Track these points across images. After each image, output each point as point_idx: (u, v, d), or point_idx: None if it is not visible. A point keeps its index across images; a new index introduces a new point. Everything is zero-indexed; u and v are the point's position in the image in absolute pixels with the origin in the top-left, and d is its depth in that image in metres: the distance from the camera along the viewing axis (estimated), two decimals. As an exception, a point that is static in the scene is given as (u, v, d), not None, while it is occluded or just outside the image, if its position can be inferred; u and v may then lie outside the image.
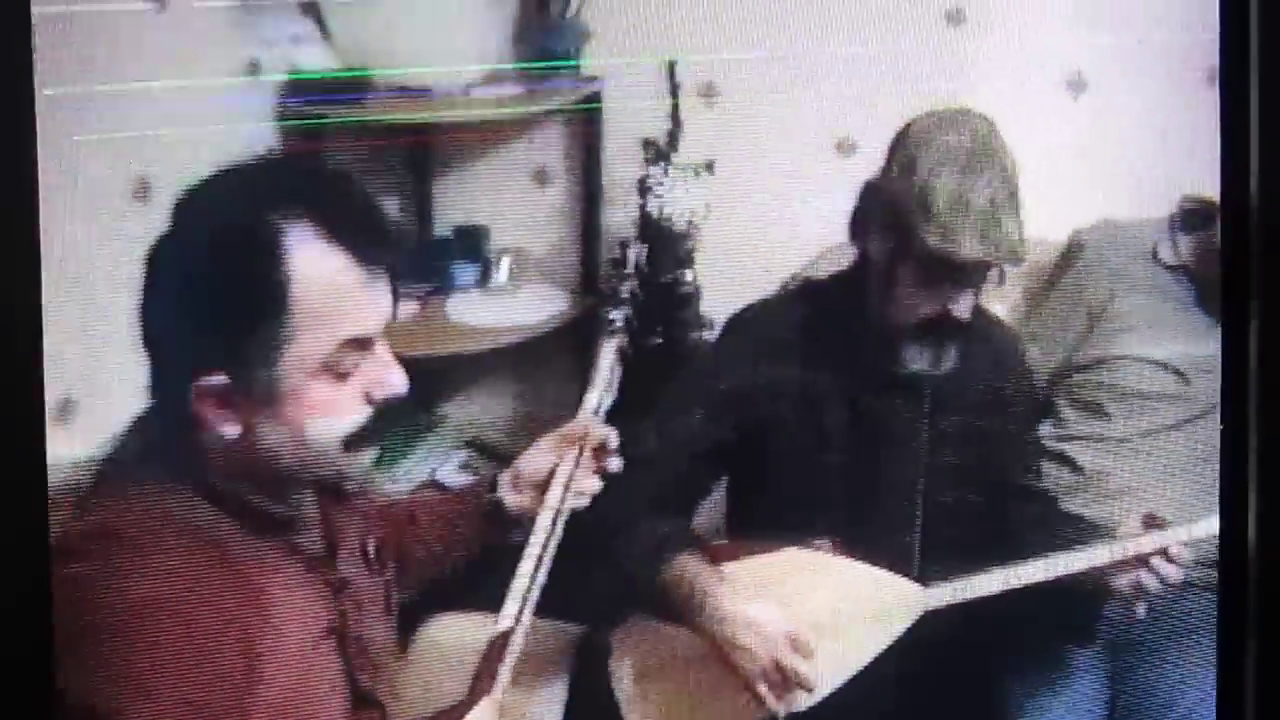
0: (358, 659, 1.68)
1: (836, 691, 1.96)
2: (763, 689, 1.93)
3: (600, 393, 2.05)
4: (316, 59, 2.96)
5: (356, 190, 1.63)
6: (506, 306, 2.99)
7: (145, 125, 2.29)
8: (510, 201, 3.10)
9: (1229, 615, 1.60)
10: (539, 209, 3.06)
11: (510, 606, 1.84)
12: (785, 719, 1.95)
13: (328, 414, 1.56)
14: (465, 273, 3.10)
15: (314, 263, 1.51)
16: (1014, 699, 2.16)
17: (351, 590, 1.69)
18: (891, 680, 2.02)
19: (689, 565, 1.98)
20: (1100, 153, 2.36)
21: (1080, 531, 2.06)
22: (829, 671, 1.96)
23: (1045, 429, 2.41)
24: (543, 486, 1.93)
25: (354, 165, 3.01)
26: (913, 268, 1.99)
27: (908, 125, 2.05)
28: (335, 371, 1.55)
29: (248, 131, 2.79)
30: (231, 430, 1.54)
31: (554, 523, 1.91)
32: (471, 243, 3.09)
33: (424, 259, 3.15)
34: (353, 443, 1.59)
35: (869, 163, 2.17)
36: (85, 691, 1.48)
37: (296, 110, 2.88)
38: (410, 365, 3.13)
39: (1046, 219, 2.49)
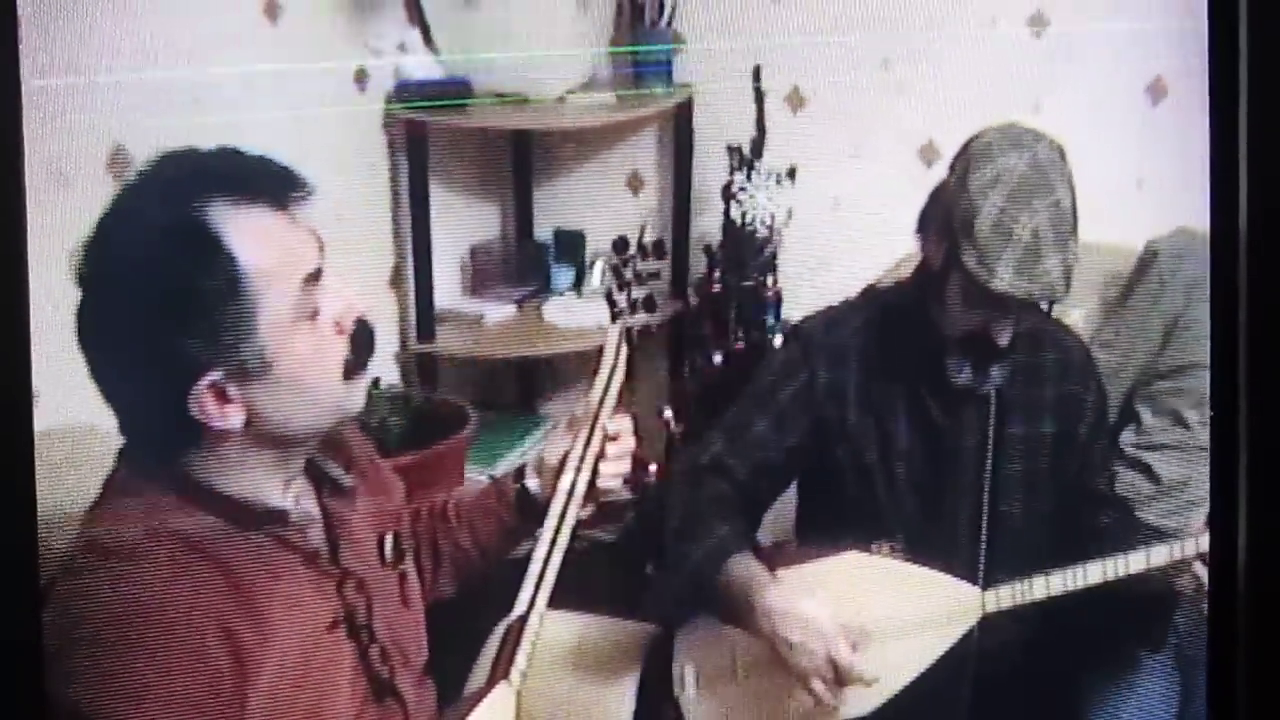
0: (372, 649, 1.70)
1: (899, 695, 1.96)
2: (818, 685, 1.93)
3: (608, 374, 2.03)
4: (422, 67, 3.05)
5: (238, 155, 1.62)
6: (598, 309, 3.03)
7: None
8: (605, 206, 3.17)
9: (1219, 621, 1.59)
10: (633, 213, 3.13)
11: (525, 592, 1.84)
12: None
13: (316, 359, 1.60)
14: (561, 276, 3.18)
15: (243, 228, 1.55)
16: (1083, 704, 2.15)
17: (357, 583, 1.70)
18: (958, 684, 2.03)
19: (744, 567, 1.98)
20: (1177, 159, 2.34)
21: (1152, 539, 2.04)
22: (887, 676, 1.96)
23: (1126, 436, 2.40)
24: (559, 471, 1.93)
25: (456, 170, 3.12)
26: (957, 280, 1.97)
27: (977, 134, 2.02)
28: (307, 315, 1.59)
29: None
30: (237, 420, 1.57)
31: (566, 507, 1.90)
32: (568, 247, 3.18)
33: (523, 262, 3.26)
34: (347, 373, 1.63)
35: (951, 172, 2.17)
36: (80, 701, 1.50)
37: (402, 116, 2.99)
38: (508, 365, 3.28)
39: (1123, 226, 2.49)
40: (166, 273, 1.53)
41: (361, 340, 1.64)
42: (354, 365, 1.63)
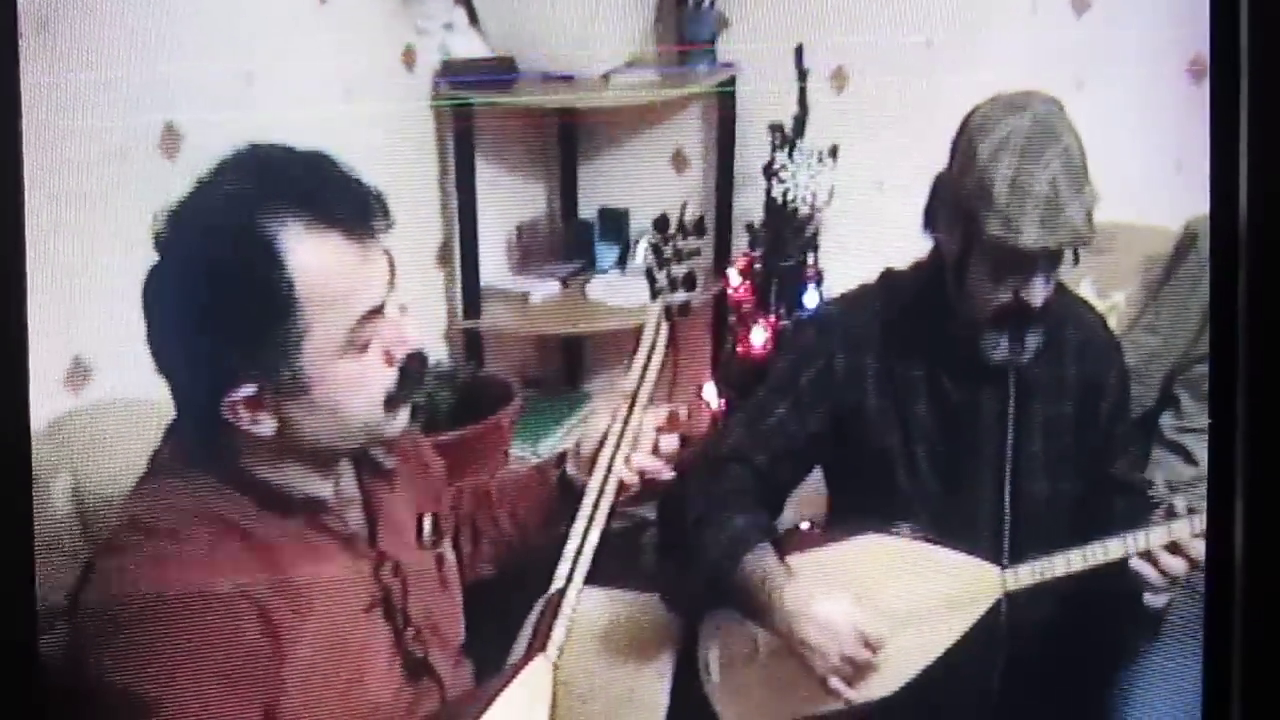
0: (408, 630, 1.72)
1: (924, 675, 1.98)
2: (836, 683, 1.95)
3: (647, 352, 2.06)
4: (468, 47, 3.07)
5: (330, 168, 1.59)
6: (642, 287, 3.04)
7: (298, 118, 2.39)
8: (649, 185, 3.18)
9: (1215, 611, 1.59)
10: (677, 192, 3.13)
11: (562, 567, 1.86)
12: (873, 702, 1.97)
13: (358, 388, 1.60)
14: (606, 254, 3.19)
15: (311, 253, 1.53)
16: (1113, 686, 2.16)
17: (394, 565, 1.72)
18: (985, 664, 2.04)
19: (760, 564, 2.00)
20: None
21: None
22: (908, 658, 1.98)
23: (1166, 419, 2.39)
24: (598, 453, 1.94)
25: (502, 149, 3.14)
26: (980, 258, 1.97)
27: (970, 112, 2.03)
28: (356, 346, 1.58)
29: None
30: (268, 428, 1.58)
31: (604, 483, 1.91)
32: (612, 225, 3.18)
33: (568, 240, 3.28)
34: (389, 405, 1.63)
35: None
36: (121, 672, 1.53)
37: (449, 94, 3.01)
38: (552, 343, 3.30)
39: (1162, 208, 2.48)
40: (227, 273, 1.54)
41: (411, 376, 1.64)
42: (398, 398, 1.64)
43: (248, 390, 1.56)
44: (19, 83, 1.70)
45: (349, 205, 1.57)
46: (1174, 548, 1.92)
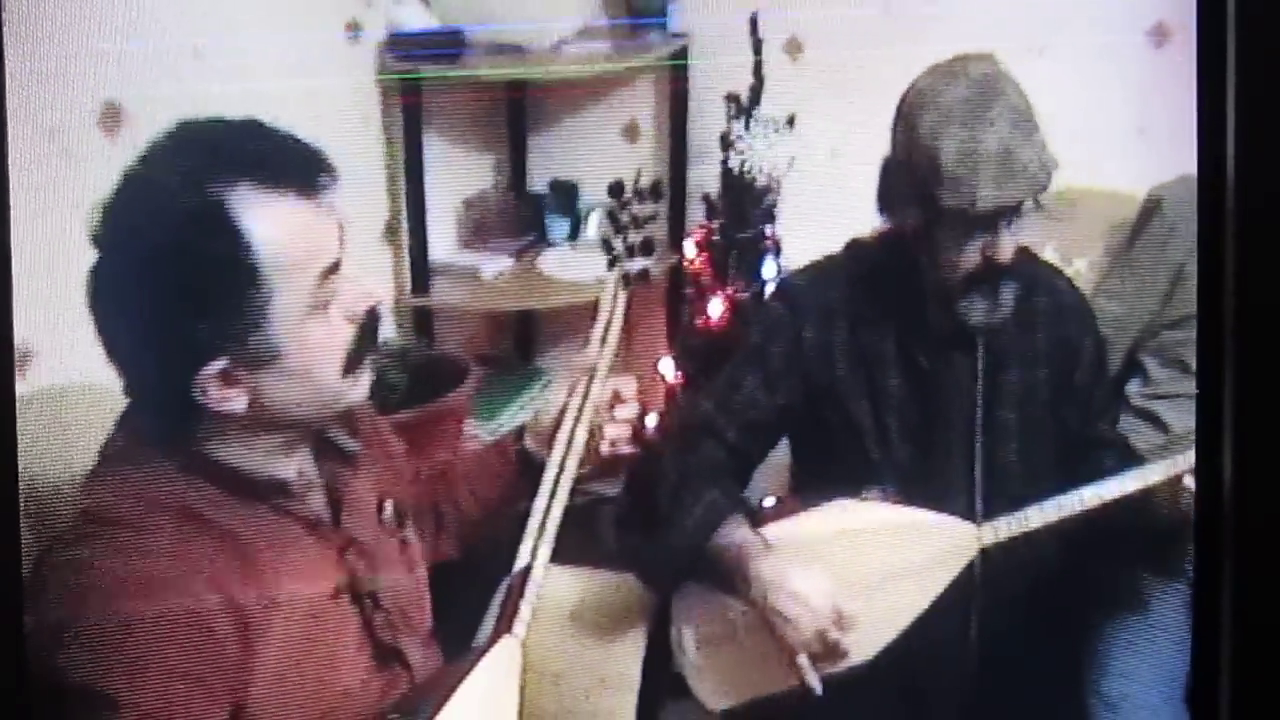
0: (376, 615, 1.70)
1: (903, 637, 1.97)
2: (803, 661, 1.94)
3: (605, 322, 2.04)
4: (415, 19, 3.02)
5: (267, 132, 1.58)
6: (596, 261, 3.02)
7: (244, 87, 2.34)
8: (601, 157, 3.14)
9: (1204, 558, 1.59)
10: (629, 164, 3.07)
11: (526, 544, 1.84)
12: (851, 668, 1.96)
13: (325, 351, 1.58)
14: (557, 227, 3.16)
15: (265, 218, 1.52)
16: (1093, 643, 2.16)
17: (359, 549, 1.71)
18: (964, 623, 2.03)
19: (735, 535, 1.98)
20: (1180, 105, 2.32)
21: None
22: (885, 621, 1.96)
23: (1133, 386, 2.37)
24: (557, 424, 1.93)
25: (450, 122, 3.09)
26: (943, 230, 1.96)
27: (906, 91, 2.02)
28: (320, 305, 1.57)
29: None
30: (239, 404, 1.56)
31: (565, 457, 1.90)
32: (563, 198, 3.14)
33: (518, 213, 3.23)
34: (349, 366, 1.61)
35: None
36: (82, 670, 1.50)
37: (395, 67, 2.96)
38: (504, 319, 3.27)
39: (1126, 173, 2.48)
40: (182, 254, 1.51)
41: (367, 330, 1.62)
42: (355, 358, 1.61)
43: (219, 365, 1.53)
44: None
45: (294, 165, 1.56)
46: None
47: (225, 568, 1.56)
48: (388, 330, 3.03)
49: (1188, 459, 1.90)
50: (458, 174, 3.18)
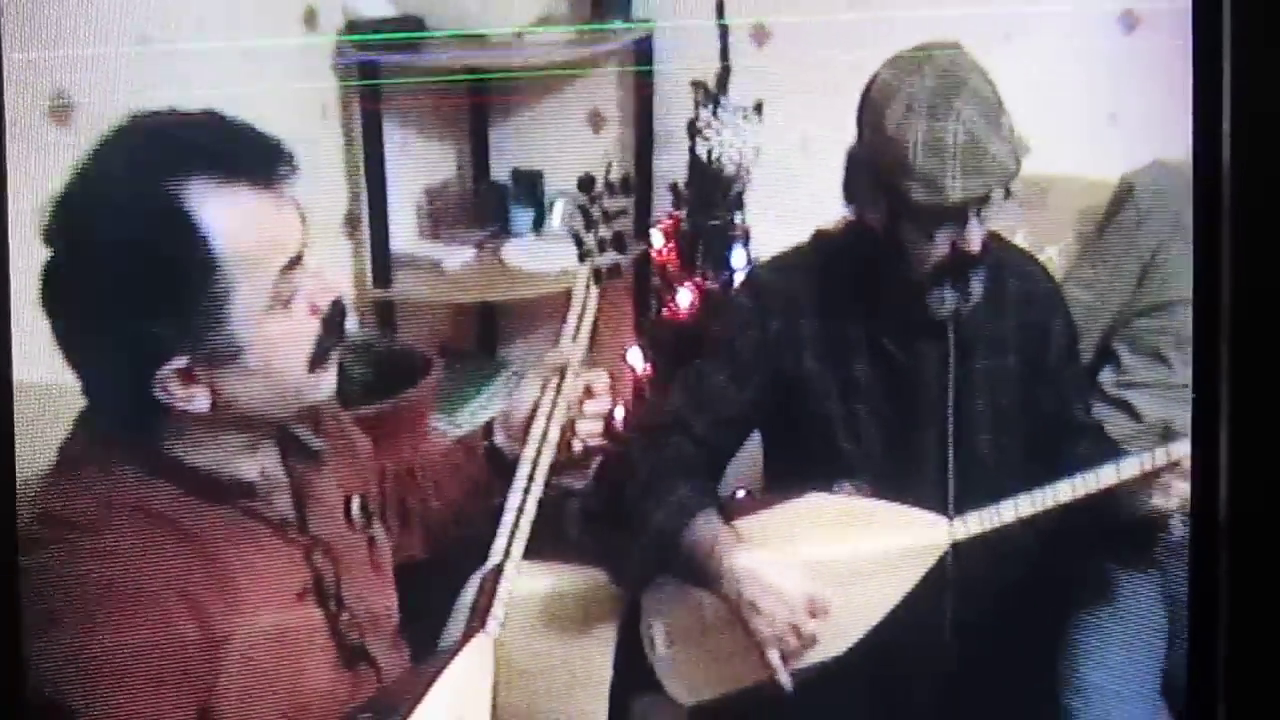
0: (342, 616, 1.67)
1: (875, 631, 1.96)
2: (774, 655, 1.93)
3: (577, 317, 2.00)
4: (374, 7, 2.98)
5: (223, 123, 1.53)
6: (560, 251, 2.99)
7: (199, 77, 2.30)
8: (564, 146, 3.11)
9: (1200, 546, 1.58)
10: (593, 153, 3.07)
11: (499, 542, 1.82)
12: (823, 662, 1.95)
13: (288, 346, 1.55)
14: (521, 218, 3.12)
15: (222, 211, 1.48)
16: (1065, 636, 2.16)
17: (326, 550, 1.67)
18: (936, 617, 2.02)
19: (707, 529, 1.97)
20: (1151, 91, 2.32)
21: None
22: (857, 616, 1.95)
23: (1106, 375, 2.39)
24: (530, 421, 1.90)
25: (410, 111, 3.05)
26: (911, 222, 1.94)
27: (869, 82, 2.00)
28: (282, 300, 1.53)
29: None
30: (202, 402, 1.53)
31: (538, 454, 1.88)
32: (526, 187, 3.11)
33: (481, 204, 3.20)
34: (315, 361, 1.58)
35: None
36: (41, 677, 1.47)
37: (353, 56, 2.91)
38: (467, 310, 3.23)
39: (1097, 160, 2.47)
40: (137, 250, 1.47)
41: (332, 326, 1.58)
42: (321, 352, 1.58)
43: (179, 363, 1.49)
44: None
45: (251, 156, 1.52)
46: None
47: (188, 570, 1.52)
48: (349, 324, 3.01)
49: (1163, 454, 1.91)
50: (418, 164, 3.14)
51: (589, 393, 1.92)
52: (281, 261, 1.52)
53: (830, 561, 1.96)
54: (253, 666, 1.56)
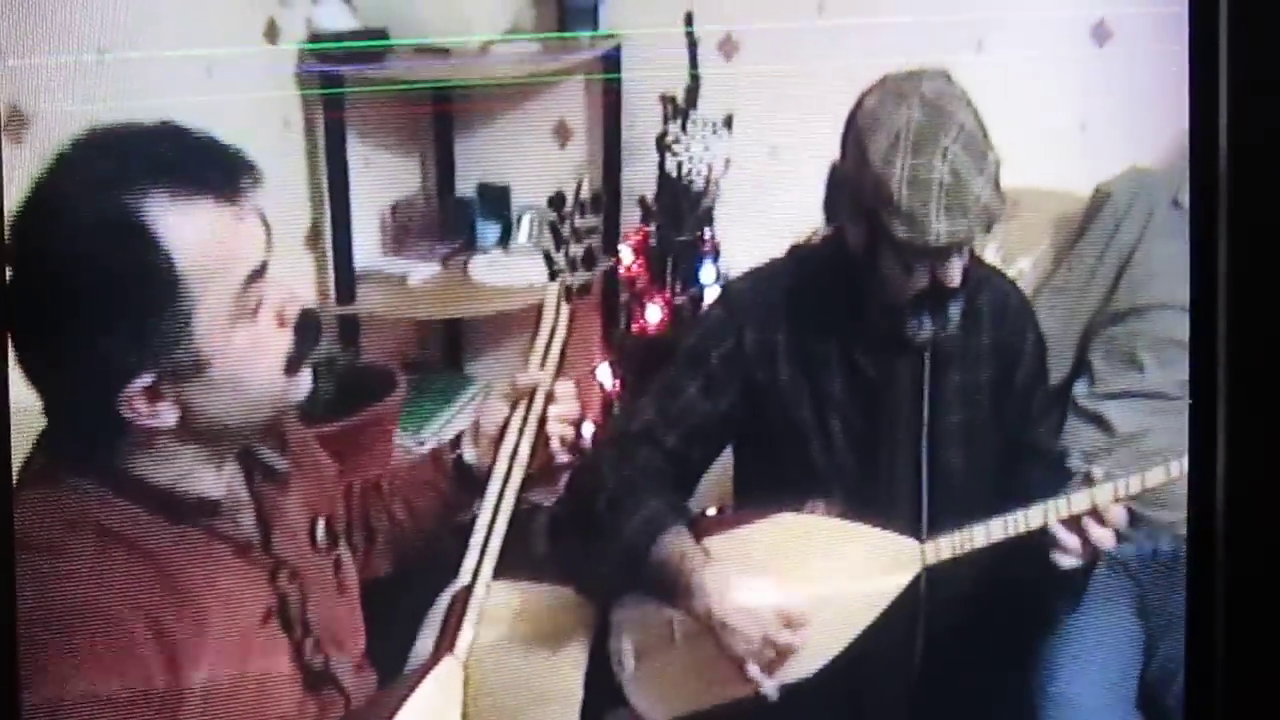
0: (307, 640, 1.64)
1: (845, 653, 1.93)
2: (753, 670, 1.90)
3: (548, 336, 1.98)
4: (336, 19, 2.95)
5: (182, 135, 1.51)
6: (527, 266, 2.97)
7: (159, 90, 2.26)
8: (530, 160, 3.08)
9: (1198, 566, 1.57)
10: (559, 167, 3.05)
11: (469, 561, 1.80)
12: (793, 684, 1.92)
13: (256, 356, 1.52)
14: (487, 232, 3.09)
15: (182, 224, 1.45)
16: (1039, 655, 2.15)
17: (290, 572, 1.64)
18: (908, 640, 2.00)
19: (676, 545, 1.94)
20: (1125, 101, 2.31)
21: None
22: (828, 637, 1.93)
23: (1079, 388, 2.37)
24: (500, 438, 1.88)
25: (374, 124, 3.02)
26: (890, 254, 1.91)
27: (856, 105, 1.95)
28: (247, 311, 1.50)
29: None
30: (169, 418, 1.50)
31: (509, 473, 1.85)
32: (493, 202, 3.08)
33: (446, 218, 3.16)
34: (290, 367, 1.56)
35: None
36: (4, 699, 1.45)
37: (316, 70, 2.88)
38: (432, 326, 3.20)
39: (1066, 170, 2.46)
40: (96, 267, 1.43)
41: (307, 333, 1.57)
42: (297, 358, 1.56)
43: (144, 381, 1.46)
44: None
45: (211, 168, 1.49)
46: (1096, 514, 1.88)
47: (150, 592, 1.49)
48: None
49: (1136, 482, 1.89)
50: (382, 177, 3.12)
51: (556, 399, 1.90)
52: (244, 273, 1.49)
53: (801, 581, 1.93)
54: (217, 690, 1.52)
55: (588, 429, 2.09)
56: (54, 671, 1.43)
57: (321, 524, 1.73)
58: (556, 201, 2.04)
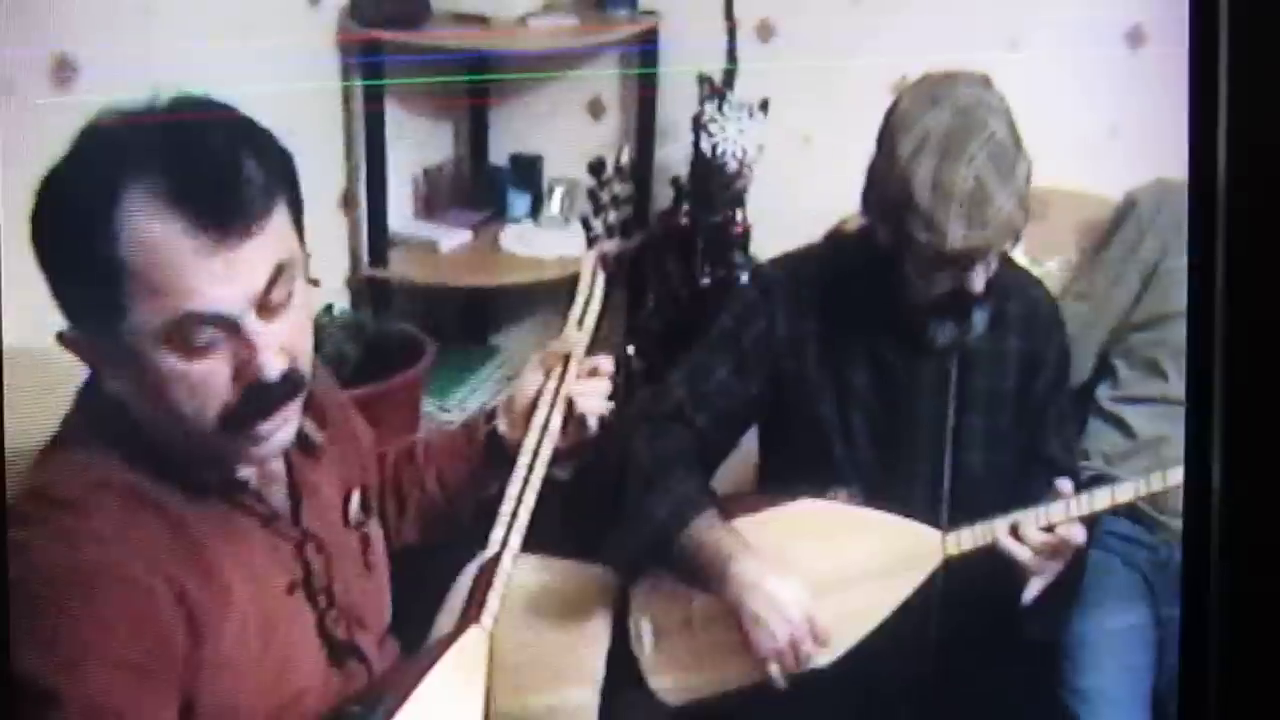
0: (332, 612, 1.63)
1: (862, 644, 1.93)
2: (773, 667, 1.89)
3: (583, 303, 1.98)
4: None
5: (215, 152, 1.42)
6: (557, 238, 3.02)
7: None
8: (564, 133, 3.11)
9: (1192, 577, 1.59)
10: (592, 141, 3.06)
11: (497, 532, 1.77)
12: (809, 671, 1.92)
13: (189, 390, 1.44)
14: (518, 202, 3.12)
15: (147, 229, 1.38)
16: (1056, 651, 2.15)
17: (317, 544, 1.62)
18: (923, 631, 1.99)
19: (712, 530, 1.93)
20: (1155, 109, 2.33)
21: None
22: (847, 625, 1.92)
23: (1102, 390, 2.39)
24: (532, 408, 1.84)
25: (410, 89, 3.05)
26: (913, 254, 1.90)
27: (894, 102, 1.94)
28: (186, 345, 1.41)
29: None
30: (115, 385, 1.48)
31: (539, 444, 1.83)
32: (525, 172, 3.12)
33: (479, 186, 3.19)
34: (228, 424, 1.45)
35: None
36: (20, 660, 1.41)
37: (356, 33, 2.90)
38: (459, 294, 3.23)
39: (1094, 174, 2.48)
40: (73, 215, 1.41)
41: (253, 401, 1.45)
42: (238, 418, 1.46)
43: (75, 332, 1.45)
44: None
45: (211, 193, 1.40)
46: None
47: (174, 557, 1.47)
48: (342, 302, 3.01)
49: (1156, 480, 1.90)
50: (416, 143, 3.14)
51: (592, 373, 1.88)
52: (190, 309, 1.40)
53: (822, 568, 1.93)
54: (238, 658, 1.52)
55: (612, 405, 2.11)
56: (74, 634, 1.42)
57: (356, 496, 1.72)
58: (596, 167, 2.02)
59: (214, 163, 1.42)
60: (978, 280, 1.91)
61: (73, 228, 1.41)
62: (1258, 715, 1.56)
